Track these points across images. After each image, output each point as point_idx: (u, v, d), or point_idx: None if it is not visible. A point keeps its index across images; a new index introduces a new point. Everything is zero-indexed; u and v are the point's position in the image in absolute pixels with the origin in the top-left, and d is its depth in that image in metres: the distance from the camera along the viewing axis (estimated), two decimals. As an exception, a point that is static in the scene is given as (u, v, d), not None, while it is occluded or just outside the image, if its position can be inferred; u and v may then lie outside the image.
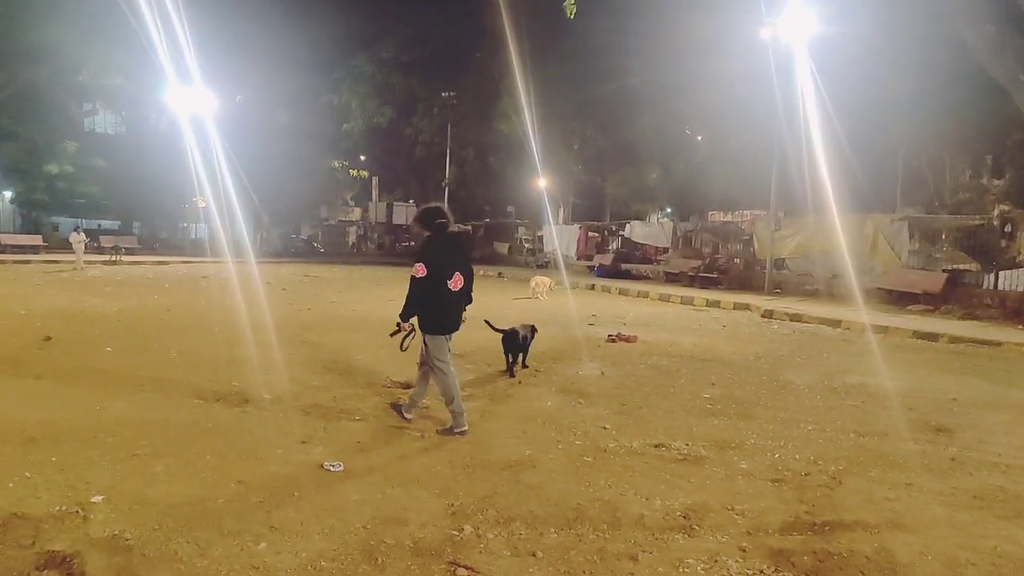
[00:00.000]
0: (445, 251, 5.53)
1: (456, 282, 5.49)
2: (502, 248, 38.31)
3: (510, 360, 8.16)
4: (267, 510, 3.99)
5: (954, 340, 11.69)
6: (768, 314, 15.21)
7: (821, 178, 18.41)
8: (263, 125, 32.51)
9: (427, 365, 5.68)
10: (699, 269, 22.25)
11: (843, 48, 18.63)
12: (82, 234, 22.71)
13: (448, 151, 33.43)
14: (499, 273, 28.37)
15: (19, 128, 29.04)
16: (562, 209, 38.69)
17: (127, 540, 3.56)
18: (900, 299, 16.41)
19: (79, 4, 23.77)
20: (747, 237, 23.53)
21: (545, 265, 30.02)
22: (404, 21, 33.01)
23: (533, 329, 8.58)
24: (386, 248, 45.75)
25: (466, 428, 5.57)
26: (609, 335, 11.05)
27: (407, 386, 7.35)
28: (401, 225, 47.89)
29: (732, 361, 9.44)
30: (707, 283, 21.51)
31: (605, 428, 5.92)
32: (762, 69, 20.08)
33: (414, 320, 5.58)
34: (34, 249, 28.12)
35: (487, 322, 8.19)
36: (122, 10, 22.53)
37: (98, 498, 4.06)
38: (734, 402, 7.00)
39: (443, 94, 32.41)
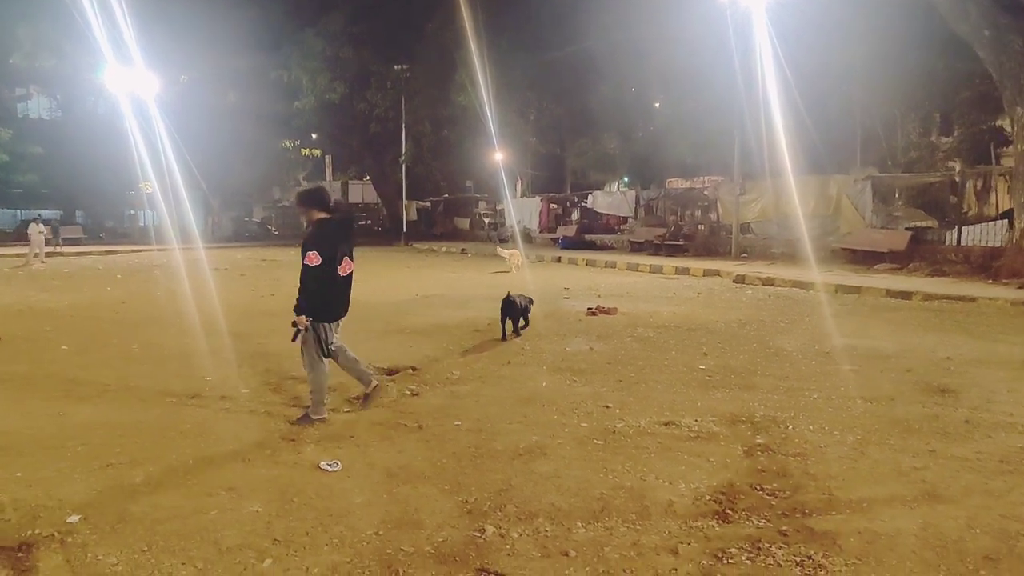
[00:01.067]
0: (336, 235, 5.28)
1: (345, 267, 5.31)
2: (463, 224, 37.83)
3: (505, 326, 8.65)
4: (266, 520, 3.64)
5: (928, 297, 11.78)
6: (740, 279, 15.19)
7: (779, 141, 18.43)
8: (210, 106, 31.20)
9: (332, 352, 5.42)
10: (664, 237, 22.19)
11: (800, 10, 18.57)
12: (41, 225, 21.71)
13: (404, 126, 32.61)
14: (462, 250, 27.99)
15: (-54, 116, 27.39)
16: (520, 182, 38.29)
17: (114, 565, 3.18)
18: (866, 258, 16.58)
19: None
20: (709, 203, 23.54)
21: (507, 239, 29.71)
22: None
23: (530, 300, 9.13)
24: (343, 228, 44.82)
25: (325, 416, 5.31)
26: (588, 308, 10.83)
27: (392, 371, 7.04)
28: (358, 204, 46.98)
29: (717, 329, 9.30)
30: (673, 251, 21.47)
31: (608, 407, 5.68)
32: (720, 32, 19.94)
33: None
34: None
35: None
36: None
37: (75, 518, 3.65)
38: (731, 372, 6.83)
39: (396, 67, 31.48)
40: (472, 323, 10.01)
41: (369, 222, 45.70)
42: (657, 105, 30.38)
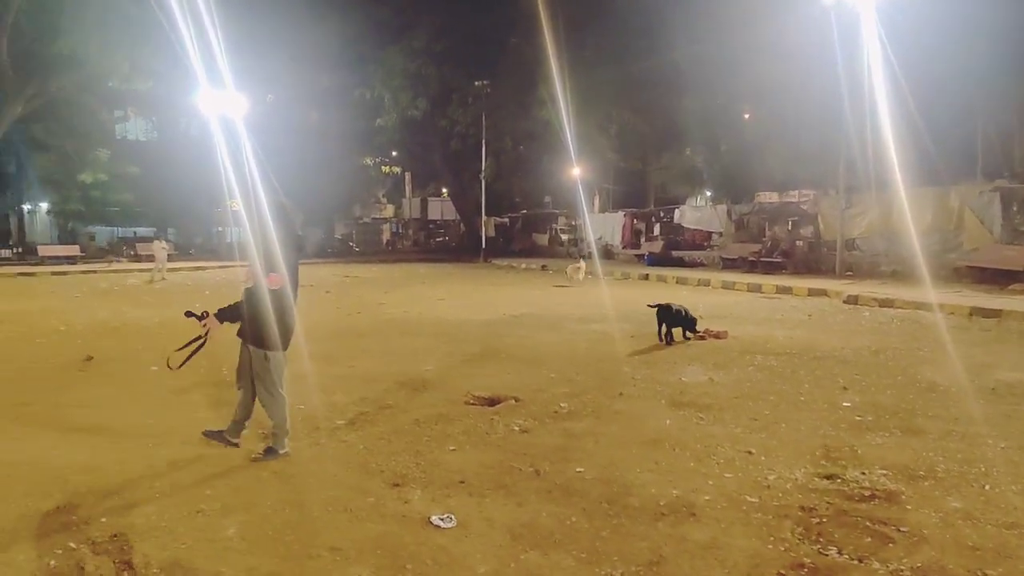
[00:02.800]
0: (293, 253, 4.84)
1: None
2: (542, 240, 37.31)
3: (662, 330, 9.34)
4: (379, 596, 3.07)
5: (1085, 323, 10.42)
6: (852, 300, 14.00)
7: (888, 150, 17.07)
8: (294, 124, 31.77)
9: (248, 382, 4.94)
10: (760, 253, 20.99)
11: (916, 7, 17.21)
12: (163, 242, 22.69)
13: (484, 142, 32.39)
14: (543, 266, 27.40)
15: (52, 139, 28.64)
16: (597, 197, 37.52)
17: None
18: (996, 277, 15.04)
19: (105, 9, 23.14)
20: (807, 218, 22.18)
21: (587, 256, 28.99)
22: (435, 9, 31.99)
23: (695, 319, 9.61)
24: (421, 244, 45.03)
25: (288, 450, 4.88)
26: (692, 334, 9.98)
27: (493, 401, 6.45)
28: (436, 220, 47.18)
29: (847, 358, 8.33)
30: (770, 268, 20.27)
31: (750, 453, 4.91)
32: (820, 35, 18.76)
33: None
34: (71, 260, 27.77)
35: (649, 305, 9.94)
36: (150, 13, 21.86)
37: (160, 583, 3.17)
38: (885, 412, 5.93)
39: (477, 83, 31.37)
40: (569, 346, 9.37)
41: (447, 238, 45.78)
42: (747, 116, 29.09)
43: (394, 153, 42.38)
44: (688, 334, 9.57)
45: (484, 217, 35.91)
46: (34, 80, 24.23)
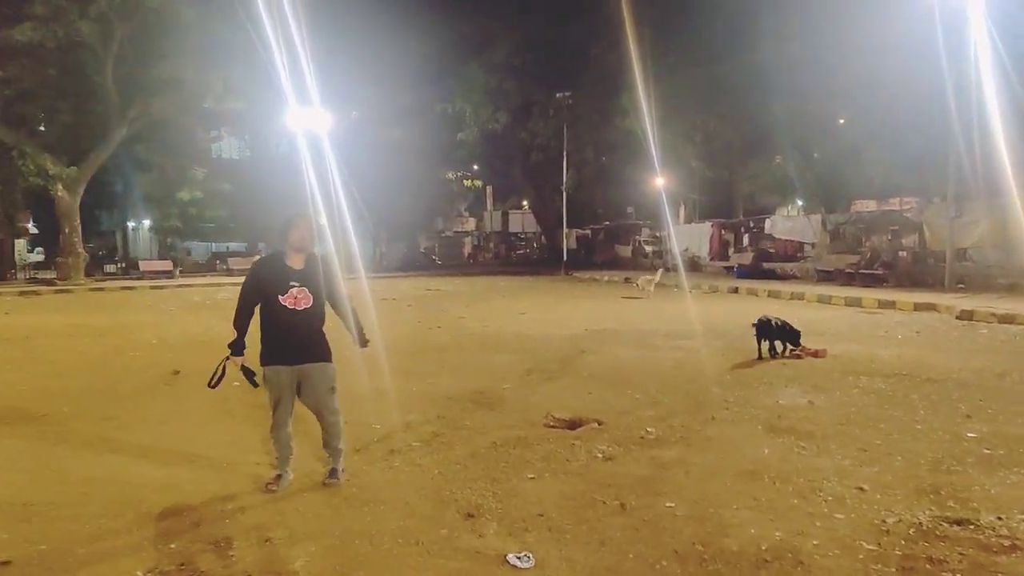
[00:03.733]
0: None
1: None
2: (624, 251, 36.64)
3: (761, 345, 9.17)
4: (449, 648, 2.79)
5: None
6: (967, 315, 12.90)
7: (1001, 154, 15.75)
8: (377, 140, 32.40)
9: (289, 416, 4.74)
10: (859, 265, 19.81)
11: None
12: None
13: (565, 153, 32.15)
14: (626, 279, 26.78)
15: (154, 158, 30.25)
16: (683, 207, 36.54)
17: None
18: None
19: (202, 34, 24.26)
20: (907, 228, 20.80)
21: (672, 268, 28.21)
22: (515, 23, 32.13)
23: (795, 332, 9.26)
24: (502, 257, 45.10)
25: (344, 467, 4.80)
26: (792, 349, 9.35)
27: (574, 424, 6.12)
28: (517, 233, 47.24)
29: (967, 381, 7.55)
30: (869, 281, 19.07)
31: (863, 490, 4.39)
32: (922, 31, 17.55)
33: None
34: (168, 274, 29.07)
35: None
36: (243, 35, 22.75)
37: (221, 622, 2.99)
38: (1019, 445, 5.25)
39: (558, 95, 31.20)
40: (654, 364, 8.92)
41: (528, 251, 45.72)
42: (842, 122, 27.66)
43: (475, 167, 42.72)
44: (788, 350, 9.14)
45: (565, 229, 35.58)
46: (136, 103, 25.57)
